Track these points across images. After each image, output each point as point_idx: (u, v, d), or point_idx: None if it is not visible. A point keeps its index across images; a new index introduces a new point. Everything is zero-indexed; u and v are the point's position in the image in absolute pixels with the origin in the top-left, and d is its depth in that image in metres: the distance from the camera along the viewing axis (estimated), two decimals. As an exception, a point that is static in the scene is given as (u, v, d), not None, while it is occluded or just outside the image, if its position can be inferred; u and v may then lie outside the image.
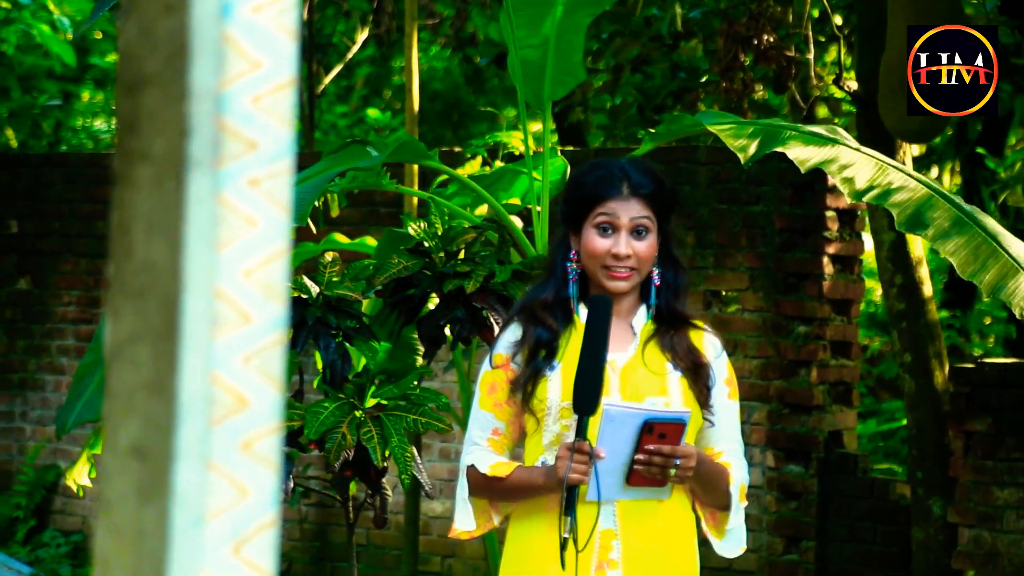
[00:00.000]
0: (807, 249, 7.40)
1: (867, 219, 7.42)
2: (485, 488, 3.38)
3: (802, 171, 4.73)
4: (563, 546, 3.24)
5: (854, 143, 4.83)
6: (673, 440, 3.26)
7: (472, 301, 4.95)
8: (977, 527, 6.62)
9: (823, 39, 8.76)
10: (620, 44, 9.38)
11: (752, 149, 4.75)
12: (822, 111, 9.35)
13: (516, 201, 5.85)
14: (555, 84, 5.33)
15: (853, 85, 7.11)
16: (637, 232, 3.37)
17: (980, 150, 10.32)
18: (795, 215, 7.43)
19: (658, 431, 3.25)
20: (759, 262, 7.48)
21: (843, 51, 7.93)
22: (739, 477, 3.47)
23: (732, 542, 3.47)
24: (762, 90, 8.99)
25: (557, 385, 3.34)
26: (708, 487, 3.41)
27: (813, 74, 8.77)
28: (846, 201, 7.36)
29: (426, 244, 5.04)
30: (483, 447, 3.40)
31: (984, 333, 12.33)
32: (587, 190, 3.39)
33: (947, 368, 6.98)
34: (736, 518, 3.46)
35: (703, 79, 9.30)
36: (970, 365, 6.92)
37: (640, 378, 3.37)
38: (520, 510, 3.40)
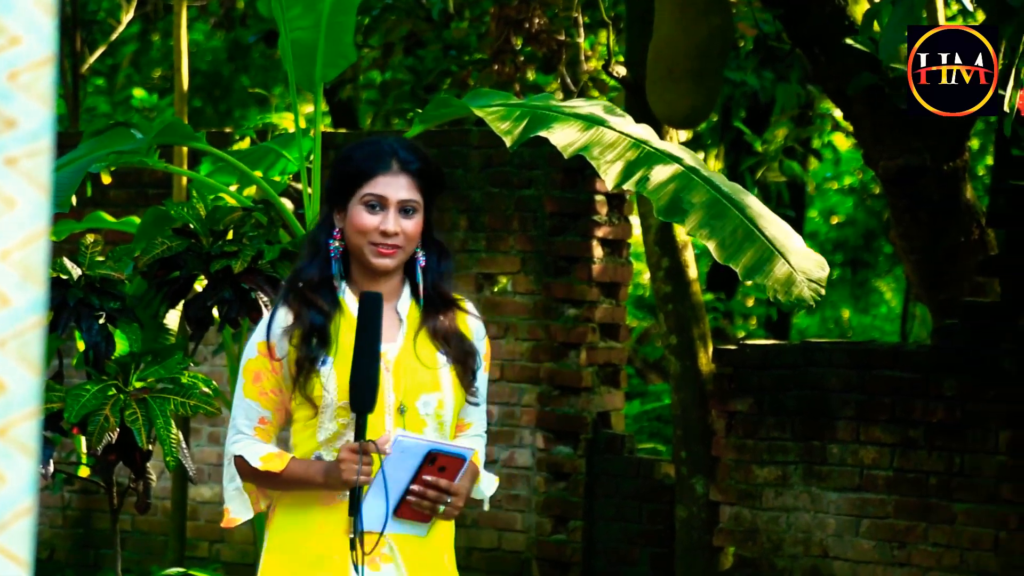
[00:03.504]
0: (577, 232, 7.49)
1: (635, 203, 7.55)
2: (254, 479, 3.34)
3: (565, 156, 4.77)
4: (352, 546, 3.23)
5: (623, 123, 4.86)
6: (451, 475, 3.28)
7: (240, 282, 4.90)
8: (737, 505, 6.79)
9: (587, 21, 8.87)
10: (392, 22, 9.36)
11: (517, 132, 4.77)
12: (594, 94, 9.46)
13: (278, 179, 5.81)
14: (327, 66, 5.28)
15: (622, 71, 7.21)
16: (405, 211, 3.33)
17: (739, 124, 10.56)
18: (565, 199, 7.51)
19: (440, 463, 3.26)
20: (530, 245, 7.55)
21: (612, 37, 8.04)
22: (481, 450, 3.50)
23: (487, 489, 3.51)
24: (534, 72, 9.07)
25: (332, 383, 3.28)
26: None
27: (583, 58, 8.87)
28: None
29: (192, 225, 4.97)
30: (249, 436, 3.33)
31: (747, 315, 12.66)
32: (355, 166, 3.33)
33: (711, 349, 7.15)
34: (487, 482, 3.50)
35: (475, 57, 9.34)
36: (732, 347, 7.09)
37: (413, 373, 3.35)
38: (289, 499, 3.35)
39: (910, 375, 6.39)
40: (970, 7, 7.08)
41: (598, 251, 7.54)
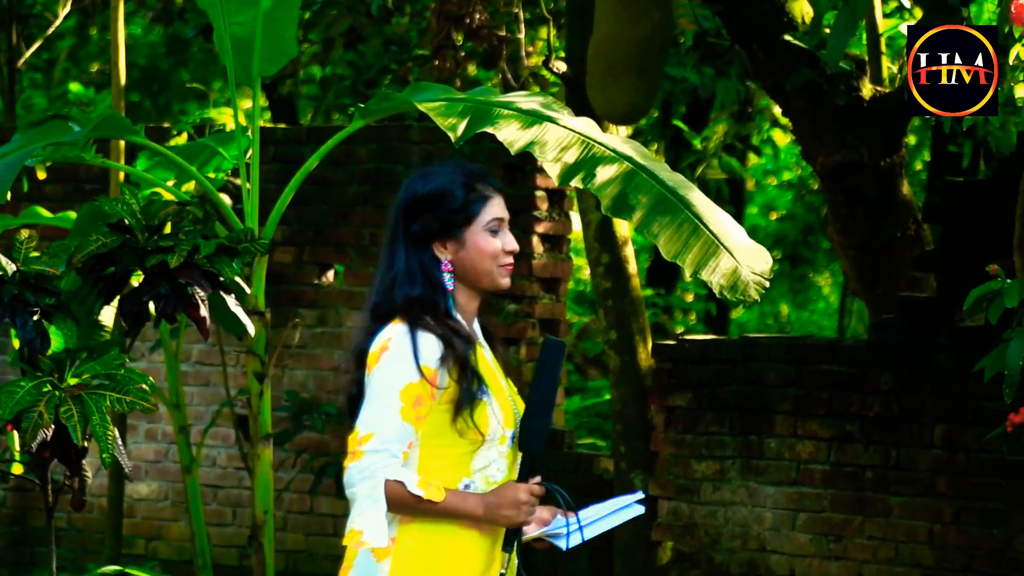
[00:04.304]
0: (518, 228, 7.49)
1: (575, 199, 7.56)
2: (408, 506, 3.27)
3: (512, 152, 4.77)
4: None
5: (566, 118, 4.87)
6: None
7: (177, 277, 4.87)
8: (676, 499, 6.81)
9: (528, 16, 8.88)
10: (332, 17, 9.34)
11: (462, 128, 4.76)
12: (534, 91, 9.48)
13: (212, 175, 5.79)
14: (266, 61, 5.26)
15: (562, 67, 7.22)
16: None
17: (679, 123, 10.60)
18: (506, 195, 7.48)
19: None
20: (470, 240, 7.54)
21: (552, 33, 8.05)
22: None
23: None
24: (475, 68, 9.06)
25: (497, 413, 3.32)
26: None
27: (524, 54, 8.88)
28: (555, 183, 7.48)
29: (127, 221, 4.93)
30: (400, 461, 3.27)
31: (686, 310, 12.70)
32: (466, 196, 3.40)
33: (650, 345, 7.16)
34: None
35: (415, 52, 9.33)
36: (672, 342, 7.11)
37: (517, 400, 3.42)
38: (425, 519, 3.32)
39: (847, 370, 6.43)
40: (907, 4, 7.14)
41: (539, 247, 7.54)
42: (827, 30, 6.12)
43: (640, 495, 3.48)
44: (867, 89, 6.59)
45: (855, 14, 5.55)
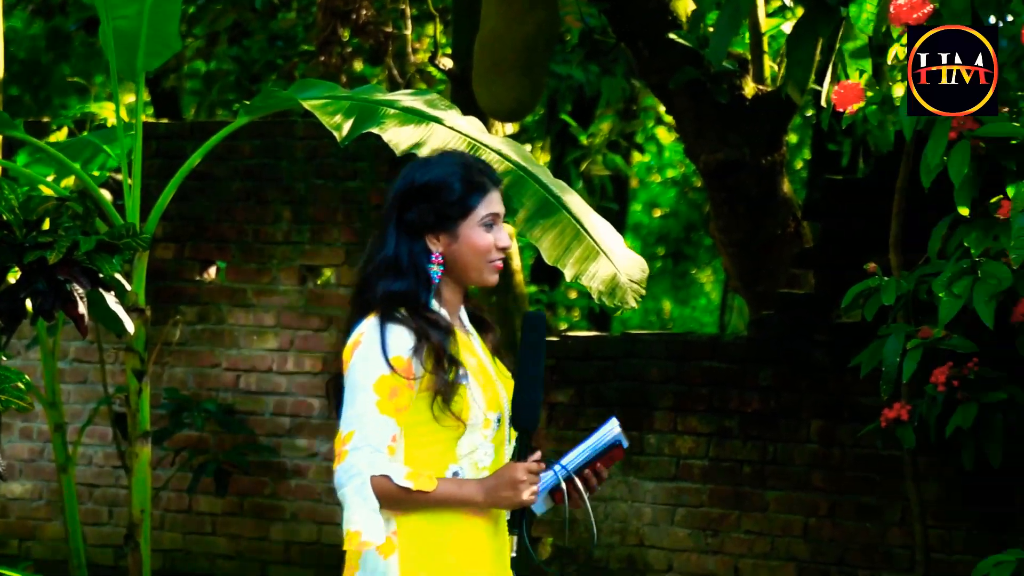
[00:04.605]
0: (401, 224, 7.48)
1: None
2: (398, 500, 3.24)
3: (396, 154, 4.78)
4: (513, 564, 3.30)
5: (453, 117, 4.89)
6: (609, 463, 3.38)
7: (55, 273, 4.81)
8: (558, 495, 6.85)
9: (415, 13, 8.89)
10: (217, 11, 9.28)
11: (347, 128, 4.76)
12: (421, 88, 9.48)
13: (96, 173, 5.73)
14: (149, 55, 5.22)
15: (449, 63, 7.24)
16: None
17: (566, 117, 10.65)
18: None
19: (612, 454, 3.36)
20: (355, 237, 7.53)
21: (439, 29, 8.06)
22: None
23: None
24: (361, 64, 9.05)
25: (480, 397, 3.30)
26: None
27: (410, 50, 8.88)
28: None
29: (4, 216, 4.87)
30: (385, 455, 3.24)
31: (570, 307, 12.77)
32: (463, 190, 3.35)
33: (533, 342, 7.19)
34: None
35: (300, 48, 9.30)
36: (555, 338, 7.15)
37: (506, 382, 3.41)
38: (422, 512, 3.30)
39: (727, 366, 6.50)
40: (789, 3, 7.24)
41: (423, 243, 7.52)
42: (710, 28, 6.18)
43: (614, 420, 3.42)
44: (749, 88, 6.67)
45: (738, 12, 5.62)
